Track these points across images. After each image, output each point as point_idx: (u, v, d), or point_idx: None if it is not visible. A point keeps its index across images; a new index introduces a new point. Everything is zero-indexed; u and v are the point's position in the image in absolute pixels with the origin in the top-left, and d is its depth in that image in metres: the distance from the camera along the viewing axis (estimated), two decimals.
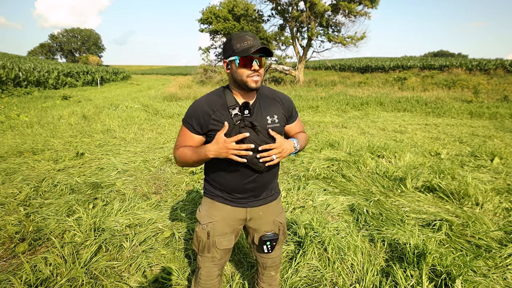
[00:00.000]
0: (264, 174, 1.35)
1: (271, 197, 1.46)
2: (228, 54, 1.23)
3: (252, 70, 1.21)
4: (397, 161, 4.46)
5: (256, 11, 24.34)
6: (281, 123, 1.36)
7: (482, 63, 22.90)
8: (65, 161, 4.49)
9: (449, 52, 64.46)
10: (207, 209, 1.43)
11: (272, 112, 1.34)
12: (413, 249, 2.17)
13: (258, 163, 1.25)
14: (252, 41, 1.20)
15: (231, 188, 1.37)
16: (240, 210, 1.41)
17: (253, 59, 1.20)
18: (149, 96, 14.48)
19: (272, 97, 1.39)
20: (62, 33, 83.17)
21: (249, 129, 1.21)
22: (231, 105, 1.27)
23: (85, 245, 2.40)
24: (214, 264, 1.47)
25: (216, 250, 1.42)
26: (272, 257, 1.59)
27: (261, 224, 1.46)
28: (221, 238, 1.41)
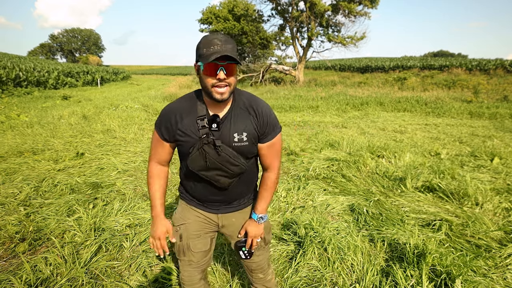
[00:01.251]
0: (231, 189, 1.29)
1: (243, 205, 1.39)
2: (196, 58, 1.13)
3: (217, 79, 1.08)
4: (397, 161, 4.46)
5: (256, 11, 24.35)
6: (250, 141, 1.21)
7: (482, 63, 22.91)
8: (65, 161, 4.49)
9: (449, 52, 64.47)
10: (181, 211, 1.41)
11: (242, 128, 1.19)
12: (413, 249, 2.17)
13: (220, 180, 1.21)
14: (220, 45, 1.05)
15: (199, 197, 1.35)
16: (212, 215, 1.38)
17: (219, 66, 1.06)
18: (149, 96, 14.49)
19: (247, 109, 1.22)
20: (62, 33, 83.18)
21: (211, 146, 1.15)
22: (200, 116, 1.17)
23: (85, 245, 2.40)
24: (193, 268, 1.42)
25: (192, 253, 1.38)
26: (255, 261, 1.51)
27: (234, 230, 1.41)
28: (195, 240, 1.37)
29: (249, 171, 1.31)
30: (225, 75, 1.08)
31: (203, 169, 1.19)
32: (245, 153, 1.23)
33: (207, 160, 1.15)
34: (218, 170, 1.19)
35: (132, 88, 22.54)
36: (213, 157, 1.15)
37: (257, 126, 1.22)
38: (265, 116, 1.23)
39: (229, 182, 1.23)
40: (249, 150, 1.24)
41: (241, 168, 1.21)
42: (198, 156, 1.15)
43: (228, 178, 1.23)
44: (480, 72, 21.28)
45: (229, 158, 1.17)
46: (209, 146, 1.14)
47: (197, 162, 1.17)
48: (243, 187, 1.34)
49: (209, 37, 1.09)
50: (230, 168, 1.19)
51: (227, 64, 1.07)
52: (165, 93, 15.39)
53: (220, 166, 1.17)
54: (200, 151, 1.14)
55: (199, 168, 1.19)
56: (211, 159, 1.15)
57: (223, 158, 1.16)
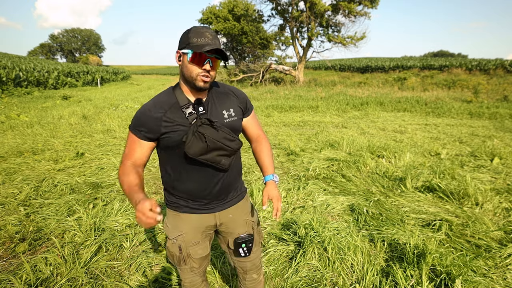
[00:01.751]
0: (229, 172, 1.30)
1: (237, 198, 1.40)
2: (182, 46, 1.14)
3: (203, 69, 1.13)
4: (397, 161, 4.46)
5: (256, 11, 24.35)
6: (238, 117, 1.30)
7: (482, 63, 22.92)
8: (65, 161, 4.49)
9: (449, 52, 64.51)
10: (172, 222, 1.34)
11: (228, 106, 1.27)
12: (413, 249, 2.17)
13: (221, 161, 1.21)
14: (211, 39, 1.11)
15: (195, 194, 1.28)
16: (208, 216, 1.33)
17: (207, 58, 1.12)
18: (149, 96, 14.49)
19: (225, 91, 1.31)
20: (62, 33, 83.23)
21: (207, 127, 1.15)
22: (184, 104, 1.19)
23: (85, 245, 2.40)
24: (194, 274, 1.41)
25: (193, 260, 1.36)
26: (250, 259, 1.49)
27: (233, 227, 1.39)
28: (195, 247, 1.34)
29: (238, 155, 1.35)
30: (210, 67, 1.14)
31: (203, 152, 1.16)
32: (236, 129, 1.28)
33: (207, 141, 1.14)
34: (218, 150, 1.19)
35: (132, 88, 22.55)
36: (212, 136, 1.15)
37: (239, 103, 1.32)
38: (242, 95, 1.36)
39: (229, 161, 1.24)
40: (238, 125, 1.30)
41: (237, 143, 1.23)
42: (196, 140, 1.14)
43: (228, 157, 1.24)
44: (480, 72, 21.29)
45: (226, 134, 1.19)
46: (203, 127, 1.14)
47: (196, 147, 1.14)
48: (235, 173, 1.36)
49: (200, 29, 1.13)
50: (229, 145, 1.20)
51: (214, 58, 1.14)
52: None
53: (220, 144, 1.18)
54: (196, 134, 1.14)
55: (199, 152, 1.16)
56: (210, 139, 1.15)
57: (221, 134, 1.18)
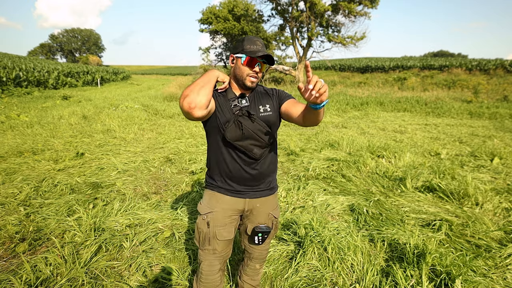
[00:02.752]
0: (261, 163, 1.45)
1: (269, 191, 1.53)
2: (237, 51, 1.38)
3: (253, 71, 1.36)
4: (397, 161, 4.46)
5: (256, 11, 24.33)
6: (273, 113, 1.45)
7: (482, 63, 22.90)
8: (65, 161, 4.49)
9: (449, 52, 64.48)
10: (208, 200, 1.49)
11: (265, 103, 1.46)
12: (413, 249, 2.17)
13: (253, 149, 1.39)
14: (261, 47, 1.36)
15: (230, 175, 1.44)
16: (239, 201, 1.47)
17: (257, 61, 1.35)
18: (149, 96, 14.49)
19: (266, 92, 1.52)
20: (62, 33, 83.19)
21: (245, 118, 1.35)
22: (231, 97, 1.41)
23: (85, 245, 2.40)
24: (216, 257, 1.49)
25: (217, 242, 1.46)
26: (260, 249, 1.65)
27: (256, 215, 1.52)
28: (220, 229, 1.45)
29: (273, 148, 1.51)
30: (258, 69, 1.37)
31: (239, 138, 1.36)
32: (270, 123, 1.43)
33: (243, 129, 1.34)
34: (251, 139, 1.37)
35: (132, 88, 22.54)
36: (248, 126, 1.35)
37: (275, 100, 1.49)
38: (278, 91, 1.54)
39: (261, 152, 1.42)
40: (273, 119, 1.45)
41: (270, 137, 1.42)
42: (234, 128, 1.34)
43: (260, 148, 1.41)
44: (480, 72, 21.27)
45: (261, 127, 1.38)
46: (243, 117, 1.35)
47: (234, 133, 1.35)
48: (268, 166, 1.49)
49: (253, 38, 1.38)
50: (261, 136, 1.39)
51: (262, 62, 1.38)
52: (165, 93, 15.38)
53: (254, 134, 1.37)
54: (236, 123, 1.34)
55: (236, 138, 1.36)
56: (246, 128, 1.35)
57: (256, 126, 1.37)
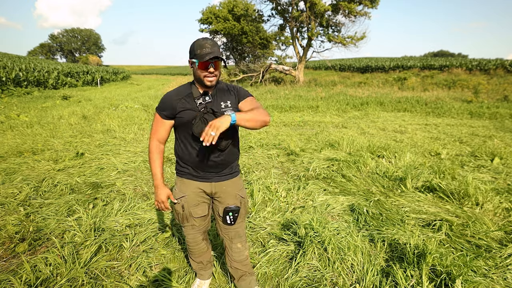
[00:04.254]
0: (225, 152, 1.60)
1: (232, 175, 1.70)
2: (191, 56, 1.51)
3: (208, 72, 1.48)
4: (397, 161, 4.46)
5: (256, 11, 24.33)
6: (234, 107, 1.60)
7: (482, 63, 22.90)
8: (65, 161, 4.49)
9: (449, 52, 64.46)
10: (179, 186, 1.70)
11: (226, 99, 1.61)
12: (413, 249, 2.17)
13: (220, 143, 1.52)
14: (210, 48, 1.45)
15: (196, 164, 1.61)
16: (206, 184, 1.66)
17: (209, 63, 1.46)
18: (149, 96, 14.49)
19: (227, 89, 1.65)
20: (62, 33, 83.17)
21: (210, 114, 1.49)
22: (196, 96, 1.56)
23: (85, 245, 2.40)
24: (196, 231, 1.77)
25: (194, 219, 1.72)
26: (235, 228, 1.77)
27: (225, 198, 1.69)
28: (195, 208, 1.69)
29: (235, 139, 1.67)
30: (213, 69, 1.47)
31: None
32: None
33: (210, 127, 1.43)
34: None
35: (132, 88, 22.54)
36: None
37: (235, 96, 1.63)
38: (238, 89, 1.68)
39: (226, 143, 1.56)
40: None
41: (233, 131, 1.55)
42: (201, 124, 1.46)
43: (224, 140, 1.54)
44: (480, 72, 21.27)
45: None
46: (208, 114, 1.49)
47: (201, 128, 1.44)
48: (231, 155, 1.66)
49: (201, 42, 1.48)
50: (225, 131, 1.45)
51: (215, 61, 1.47)
52: (165, 93, 15.37)
53: None
54: (202, 119, 1.47)
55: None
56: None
57: None
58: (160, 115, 1.61)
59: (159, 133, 1.65)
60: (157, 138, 1.66)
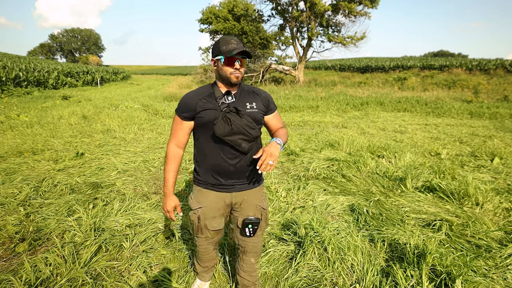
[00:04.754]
0: (247, 156, 1.53)
1: (254, 184, 1.62)
2: (215, 54, 1.47)
3: (234, 69, 1.43)
4: (397, 161, 4.46)
5: (256, 11, 24.33)
6: (259, 110, 1.55)
7: (482, 63, 22.89)
8: (65, 161, 4.49)
9: (449, 52, 64.45)
10: (196, 196, 1.61)
11: (251, 100, 1.56)
12: (413, 249, 2.17)
13: (242, 144, 1.46)
14: (236, 44, 1.42)
15: (216, 169, 1.53)
16: (226, 195, 1.57)
17: (235, 59, 1.42)
18: (149, 96, 14.49)
19: (252, 91, 1.61)
20: (62, 33, 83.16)
21: (233, 114, 1.43)
22: (218, 96, 1.50)
23: (85, 245, 2.40)
24: (208, 243, 1.72)
25: (208, 231, 1.64)
26: (252, 242, 1.70)
27: (245, 208, 1.61)
28: (211, 221, 1.61)
29: (258, 142, 1.59)
30: (239, 65, 1.44)
31: (228, 134, 1.42)
32: (256, 119, 1.52)
33: (232, 125, 1.41)
34: (240, 134, 1.44)
35: (132, 88, 22.54)
36: (236, 122, 1.42)
37: (262, 102, 1.59)
38: (266, 94, 1.65)
39: (249, 146, 1.49)
40: (258, 116, 1.54)
41: (257, 131, 1.49)
42: (223, 123, 1.41)
43: (248, 142, 1.48)
44: (480, 72, 21.27)
45: (248, 122, 1.45)
46: (231, 114, 1.43)
47: (223, 128, 1.41)
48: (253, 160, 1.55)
49: (227, 38, 1.45)
50: (249, 131, 1.45)
51: (241, 58, 1.44)
52: (165, 93, 15.38)
53: (242, 129, 1.43)
54: (225, 119, 1.41)
55: (225, 133, 1.42)
56: (235, 123, 1.41)
57: (244, 121, 1.44)
58: (179, 117, 1.53)
59: (177, 136, 1.57)
60: (175, 142, 1.58)
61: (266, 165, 1.33)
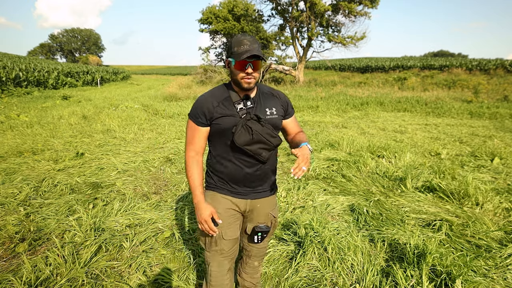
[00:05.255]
0: (265, 165, 1.46)
1: (269, 191, 1.55)
2: (228, 55, 1.36)
3: (246, 73, 1.31)
4: (397, 161, 4.46)
5: (256, 11, 24.33)
6: (279, 115, 1.47)
7: (482, 63, 22.90)
8: (65, 161, 4.49)
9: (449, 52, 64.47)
10: (210, 202, 1.47)
11: (271, 105, 1.46)
12: (413, 249, 2.17)
13: (262, 153, 1.39)
14: (249, 45, 1.28)
15: (232, 177, 1.45)
16: (241, 201, 1.48)
17: (247, 63, 1.29)
18: (149, 96, 14.49)
19: (271, 93, 1.51)
20: (62, 33, 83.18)
21: (254, 122, 1.35)
22: (236, 100, 1.39)
23: (85, 245, 2.40)
24: (224, 257, 1.50)
25: (224, 242, 1.47)
26: (258, 247, 1.66)
27: (257, 215, 1.54)
28: (226, 229, 1.46)
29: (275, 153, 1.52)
30: (252, 70, 1.31)
31: (248, 143, 1.35)
32: (276, 125, 1.45)
33: (253, 134, 1.33)
34: (260, 143, 1.37)
35: (132, 88, 22.54)
36: (257, 130, 1.34)
37: (281, 105, 1.51)
38: (285, 97, 1.56)
39: (268, 155, 1.42)
40: (278, 123, 1.48)
41: (278, 139, 1.41)
42: (244, 132, 1.33)
43: (268, 151, 1.41)
44: (480, 72, 21.27)
45: (269, 130, 1.37)
46: (252, 121, 1.35)
47: (243, 137, 1.34)
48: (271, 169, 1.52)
49: (240, 38, 1.32)
50: (270, 140, 1.38)
51: (254, 61, 1.30)
52: (165, 93, 15.38)
53: (263, 138, 1.36)
54: (245, 127, 1.34)
55: (245, 143, 1.35)
56: (256, 132, 1.34)
57: (265, 130, 1.36)
58: (195, 122, 1.41)
59: (195, 143, 1.44)
60: (194, 149, 1.45)
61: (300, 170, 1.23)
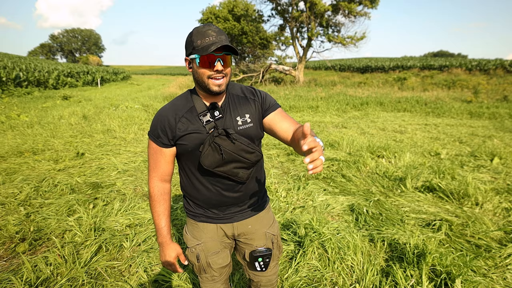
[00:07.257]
0: (248, 183, 1.23)
1: (258, 207, 1.31)
2: (189, 51, 1.07)
3: (215, 71, 1.04)
4: (397, 161, 4.46)
5: (256, 11, 24.35)
6: (255, 123, 1.18)
7: (482, 63, 22.91)
8: (65, 161, 4.49)
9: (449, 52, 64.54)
10: (191, 231, 1.29)
11: (243, 111, 1.17)
12: (413, 249, 2.17)
13: (238, 173, 1.14)
14: (215, 36, 1.02)
15: (209, 203, 1.22)
16: (225, 226, 1.27)
17: (216, 58, 1.02)
18: (149, 96, 14.49)
19: (244, 95, 1.21)
20: (63, 33, 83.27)
21: (223, 137, 1.08)
22: (201, 112, 1.12)
23: (85, 245, 2.40)
24: (215, 282, 1.33)
25: (213, 270, 1.29)
26: (267, 275, 1.40)
27: (252, 238, 1.31)
28: (214, 257, 1.27)
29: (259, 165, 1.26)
30: (222, 66, 1.04)
31: (219, 164, 1.11)
32: (252, 137, 1.17)
33: (223, 153, 1.08)
34: (235, 162, 1.12)
35: (132, 88, 22.55)
36: (228, 148, 1.09)
37: (258, 105, 1.19)
38: (263, 95, 1.22)
39: (248, 173, 1.17)
40: (255, 132, 1.18)
41: (256, 155, 1.15)
42: (212, 152, 1.08)
43: (246, 169, 1.16)
44: (480, 72, 21.28)
45: (244, 146, 1.11)
46: (220, 137, 1.08)
47: (212, 158, 1.09)
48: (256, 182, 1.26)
49: (202, 28, 1.04)
50: (247, 157, 1.13)
51: (223, 55, 1.04)
52: (165, 93, 15.39)
53: (237, 156, 1.11)
54: (213, 145, 1.08)
55: (215, 165, 1.11)
56: (227, 151, 1.09)
57: (238, 146, 1.10)
58: (156, 143, 1.14)
59: (159, 168, 1.18)
60: (158, 176, 1.20)
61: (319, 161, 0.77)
